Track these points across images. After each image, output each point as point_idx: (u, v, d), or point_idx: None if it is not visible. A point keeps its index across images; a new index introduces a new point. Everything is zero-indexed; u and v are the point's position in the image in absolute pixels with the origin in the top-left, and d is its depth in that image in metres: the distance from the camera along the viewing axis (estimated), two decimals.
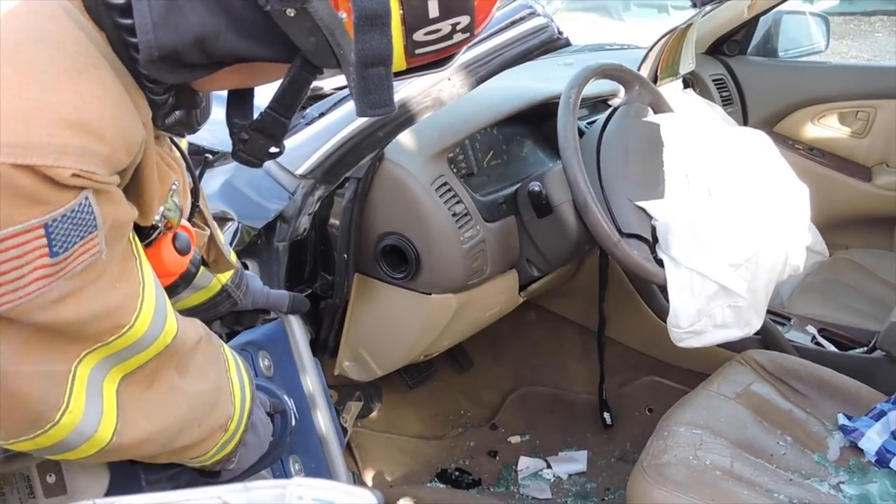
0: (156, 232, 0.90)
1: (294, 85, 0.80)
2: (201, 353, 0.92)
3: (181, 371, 0.88)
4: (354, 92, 0.72)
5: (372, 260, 1.61)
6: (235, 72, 0.81)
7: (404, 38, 0.72)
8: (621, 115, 1.78)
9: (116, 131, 0.71)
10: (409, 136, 1.60)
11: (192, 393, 0.89)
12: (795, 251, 1.67)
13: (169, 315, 0.84)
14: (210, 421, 0.92)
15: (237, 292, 1.25)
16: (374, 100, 0.72)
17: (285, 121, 0.85)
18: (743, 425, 1.59)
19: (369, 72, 0.71)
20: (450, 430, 2.23)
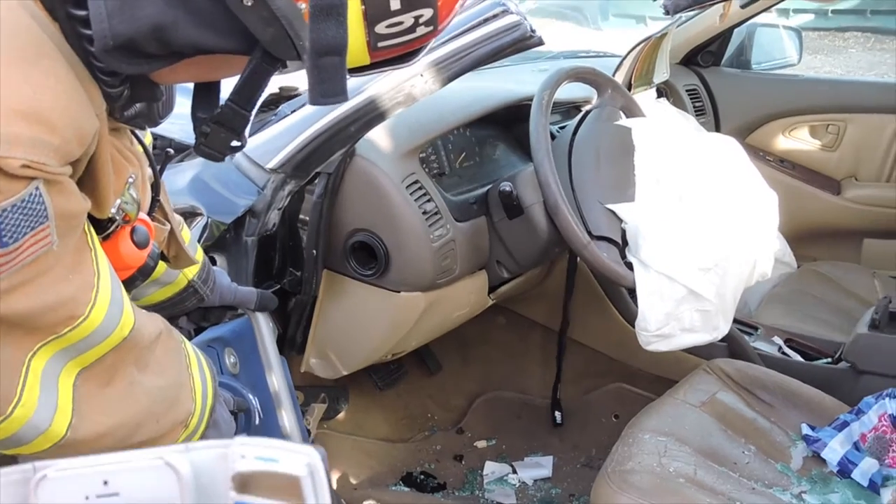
0: (113, 225, 0.88)
1: (254, 77, 0.79)
2: (161, 347, 0.91)
3: (140, 366, 0.87)
4: (308, 80, 0.72)
5: (341, 256, 1.60)
6: (196, 64, 0.80)
7: (366, 30, 0.72)
8: (593, 118, 1.78)
9: (68, 122, 0.70)
10: (380, 133, 1.59)
11: (151, 388, 0.88)
12: (764, 257, 1.68)
13: (126, 307, 0.82)
14: (170, 417, 0.91)
15: (204, 288, 1.24)
16: (327, 89, 0.72)
17: (246, 114, 0.83)
18: (707, 433, 1.58)
19: (323, 61, 0.70)
20: (416, 433, 2.22)
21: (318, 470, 0.43)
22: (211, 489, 0.45)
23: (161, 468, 0.44)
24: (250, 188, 1.49)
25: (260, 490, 0.44)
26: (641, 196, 1.66)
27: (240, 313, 1.38)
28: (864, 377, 1.85)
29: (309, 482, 0.43)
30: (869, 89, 2.86)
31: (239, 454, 0.44)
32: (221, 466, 0.45)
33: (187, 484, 0.44)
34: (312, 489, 0.43)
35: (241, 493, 0.44)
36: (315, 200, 1.53)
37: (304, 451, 0.44)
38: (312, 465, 0.43)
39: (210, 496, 0.45)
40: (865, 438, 1.61)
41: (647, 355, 2.07)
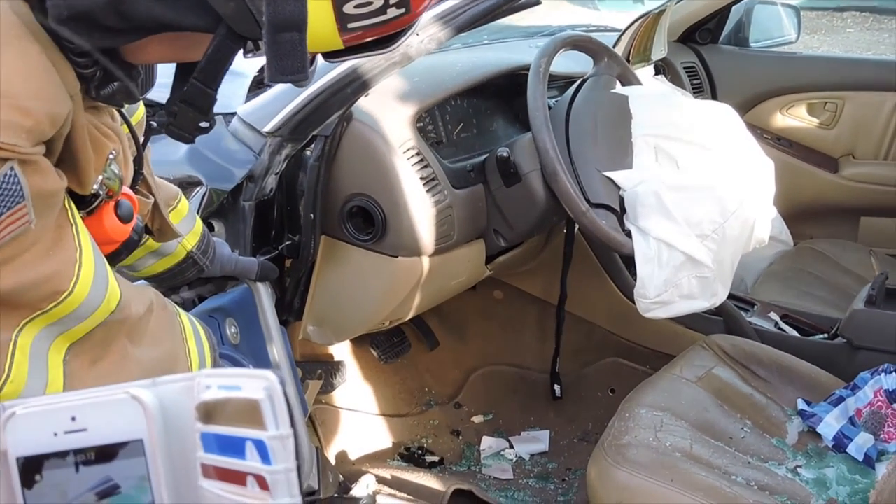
0: (97, 200, 0.87)
1: (218, 55, 0.77)
2: (154, 320, 0.90)
3: (135, 339, 0.86)
4: (266, 56, 0.70)
5: (339, 221, 1.59)
6: (165, 42, 0.79)
7: (334, 10, 0.71)
8: (590, 86, 1.77)
9: (40, 104, 0.69)
10: (378, 98, 1.58)
11: (143, 360, 0.87)
12: (761, 223, 1.67)
13: (111, 281, 0.81)
14: None
15: (203, 259, 1.23)
16: (285, 66, 0.70)
17: (211, 92, 0.82)
18: (703, 408, 1.58)
19: (281, 37, 0.69)
20: (413, 407, 2.22)
21: (276, 392, 0.43)
22: (177, 421, 0.45)
23: (128, 402, 0.45)
24: (247, 154, 1.48)
25: (223, 418, 0.44)
26: (639, 163, 1.65)
27: (241, 283, 1.37)
28: (860, 353, 1.84)
29: (268, 405, 0.43)
30: (867, 67, 2.83)
31: (204, 385, 0.45)
32: (187, 398, 0.45)
33: (154, 417, 0.44)
34: (271, 411, 0.43)
35: (206, 422, 0.44)
36: (312, 163, 1.51)
37: (263, 374, 0.44)
38: (270, 388, 0.43)
39: (177, 428, 0.45)
40: (861, 413, 1.62)
41: (644, 330, 2.11)
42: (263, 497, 0.43)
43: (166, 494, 0.45)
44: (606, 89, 1.78)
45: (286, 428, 0.43)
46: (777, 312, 2.07)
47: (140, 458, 0.45)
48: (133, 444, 0.44)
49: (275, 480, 0.43)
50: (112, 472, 0.45)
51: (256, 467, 0.43)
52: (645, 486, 1.35)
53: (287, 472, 0.43)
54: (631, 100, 1.73)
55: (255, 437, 0.43)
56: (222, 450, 0.44)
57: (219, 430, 0.44)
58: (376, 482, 1.81)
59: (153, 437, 0.44)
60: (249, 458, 0.43)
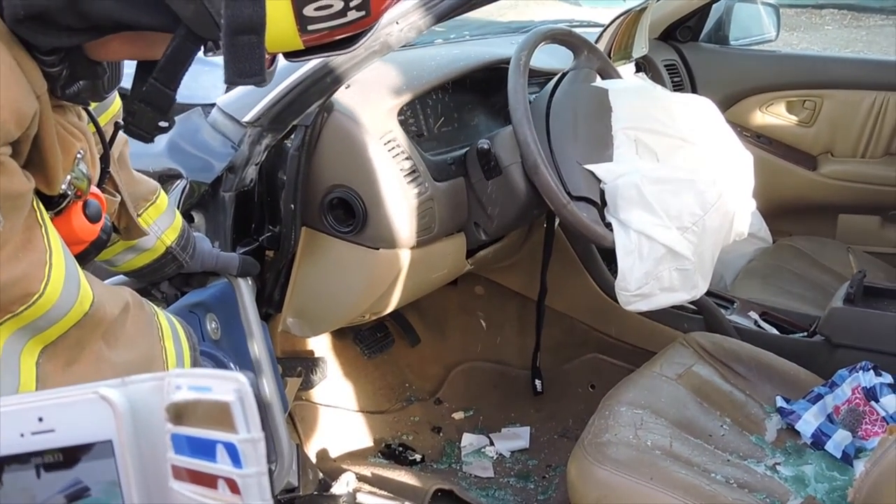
0: (66, 200, 0.86)
1: (178, 55, 0.77)
2: (131, 321, 0.88)
3: (110, 341, 0.85)
4: (224, 58, 0.70)
5: (319, 213, 1.58)
6: (126, 41, 0.78)
7: (294, 12, 0.70)
8: (570, 80, 1.76)
9: (5, 104, 0.68)
10: (359, 91, 1.57)
11: (119, 362, 0.85)
12: (740, 216, 1.67)
13: (82, 282, 0.80)
14: None
15: (183, 255, 1.22)
16: (243, 68, 0.70)
17: (170, 93, 0.81)
18: (683, 406, 1.58)
19: (240, 39, 0.68)
20: (394, 403, 2.21)
21: (247, 395, 0.42)
22: (147, 422, 0.44)
23: (96, 402, 0.44)
24: (227, 146, 1.47)
25: (194, 420, 0.43)
26: (619, 156, 1.64)
27: (222, 278, 1.35)
28: (838, 350, 1.84)
29: (238, 407, 0.42)
30: (845, 65, 2.82)
31: (174, 385, 0.44)
32: (157, 399, 0.44)
33: (123, 417, 0.44)
34: (242, 414, 0.42)
35: (177, 423, 0.44)
36: (292, 154, 1.50)
37: (234, 377, 0.43)
38: (241, 391, 0.42)
39: (147, 429, 0.44)
40: (839, 411, 1.62)
41: (625, 326, 2.11)
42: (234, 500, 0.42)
43: (136, 496, 0.44)
44: (586, 83, 1.77)
45: (257, 431, 0.42)
46: (756, 310, 2.07)
47: (109, 460, 0.43)
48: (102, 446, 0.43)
49: (246, 484, 0.42)
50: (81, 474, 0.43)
51: (227, 470, 0.42)
52: (625, 484, 1.34)
53: (258, 476, 0.42)
54: (611, 93, 1.72)
55: (226, 440, 0.42)
56: (193, 452, 0.43)
57: (189, 431, 0.43)
58: (357, 480, 1.79)
59: (123, 437, 0.43)
60: (220, 461, 0.42)
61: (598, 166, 1.62)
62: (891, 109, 2.58)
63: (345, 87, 1.55)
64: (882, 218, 2.66)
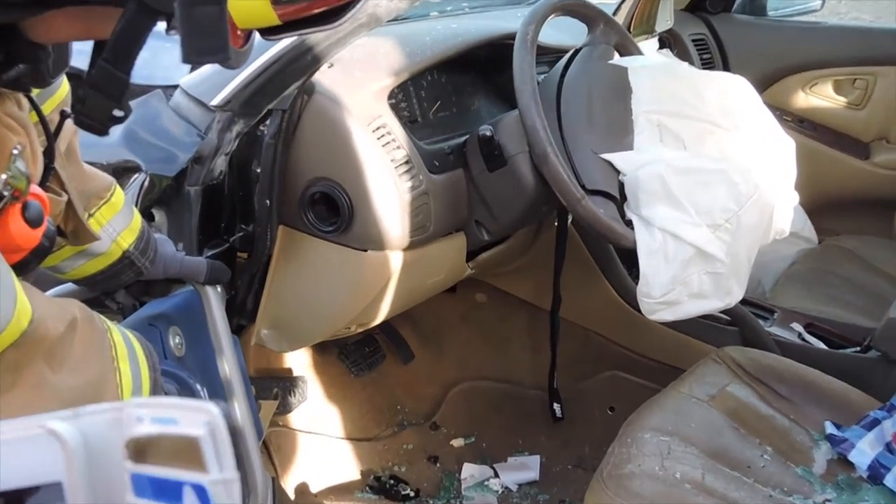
0: (1, 202, 0.84)
1: (129, 32, 0.76)
2: (79, 339, 0.87)
3: (54, 364, 0.83)
4: (180, 33, 0.69)
5: (298, 209, 1.59)
6: (71, 18, 0.78)
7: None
8: (584, 57, 1.77)
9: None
10: (344, 71, 1.58)
11: (64, 388, 0.84)
12: (781, 211, 1.67)
13: (19, 296, 0.79)
14: None
15: (142, 260, 1.22)
16: (203, 45, 0.69)
17: (123, 76, 0.80)
18: (717, 432, 1.58)
19: (198, 11, 0.67)
20: (384, 429, 2.22)
21: (218, 428, 0.42)
22: (103, 460, 0.44)
23: (43, 438, 0.43)
24: (192, 134, 1.48)
25: (158, 457, 0.43)
26: (641, 144, 1.65)
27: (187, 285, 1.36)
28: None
29: (209, 443, 0.42)
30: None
31: (135, 417, 0.44)
32: (115, 433, 0.44)
33: (75, 455, 0.43)
34: (213, 451, 0.42)
35: (138, 461, 0.43)
36: (267, 142, 1.51)
37: (204, 407, 0.43)
38: (212, 424, 0.42)
39: (102, 468, 0.44)
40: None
41: (649, 339, 2.12)
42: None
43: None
44: (603, 60, 1.78)
45: (231, 471, 0.42)
46: (800, 321, 2.07)
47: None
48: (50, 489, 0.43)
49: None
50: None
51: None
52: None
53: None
54: (631, 72, 1.73)
55: (195, 481, 0.42)
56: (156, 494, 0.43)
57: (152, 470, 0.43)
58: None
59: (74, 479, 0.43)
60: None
61: (616, 155, 1.63)
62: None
63: (327, 67, 1.57)
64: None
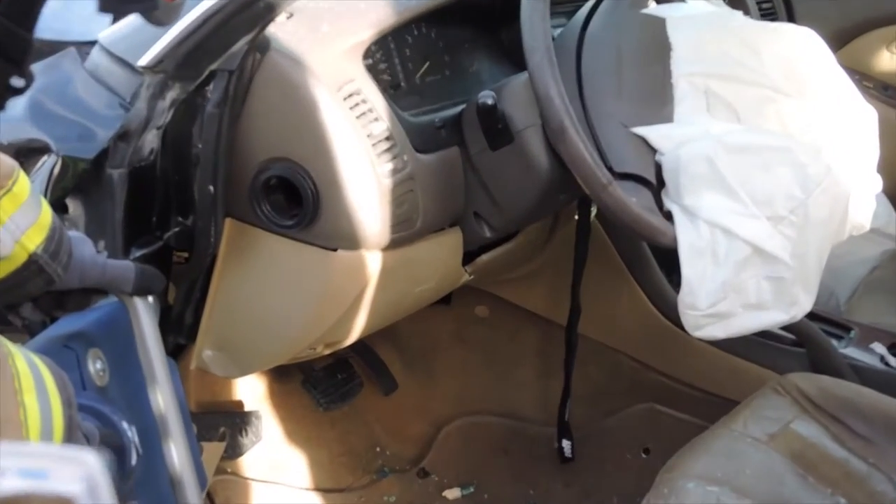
0: None
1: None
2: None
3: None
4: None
5: (250, 198, 1.59)
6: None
7: None
8: (611, 6, 1.78)
9: None
10: (307, 23, 1.57)
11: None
12: (859, 201, 1.68)
13: None
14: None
15: (53, 265, 1.19)
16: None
17: (24, 34, 0.84)
18: (778, 481, 1.58)
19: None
20: (359, 477, 2.23)
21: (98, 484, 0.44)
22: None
23: None
24: (113, 105, 1.49)
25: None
26: (683, 115, 1.66)
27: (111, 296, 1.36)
28: None
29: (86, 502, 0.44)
30: None
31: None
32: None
33: None
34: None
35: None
36: (210, 111, 1.50)
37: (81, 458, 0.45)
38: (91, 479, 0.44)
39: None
40: None
41: (692, 363, 2.13)
42: None
43: None
44: (635, 10, 1.79)
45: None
46: (884, 340, 2.08)
47: None
48: None
49: None
50: None
51: None
52: None
53: None
54: (670, 24, 1.73)
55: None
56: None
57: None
58: None
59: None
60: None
61: (652, 129, 1.63)
62: None
63: (286, 17, 1.56)
64: None
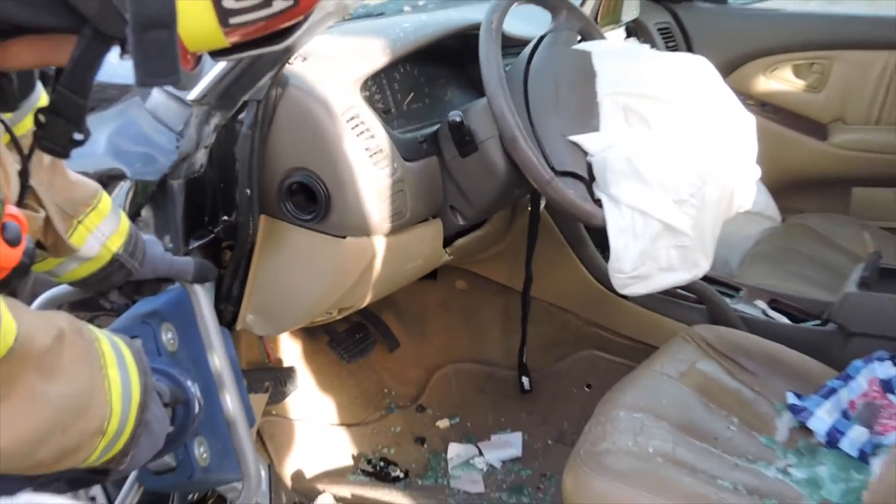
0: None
1: (85, 58, 0.76)
2: (68, 350, 0.87)
3: (45, 374, 0.84)
4: (133, 58, 0.69)
5: (278, 199, 1.57)
6: (29, 46, 0.77)
7: (213, 4, 0.70)
8: (548, 43, 1.76)
9: None
10: (317, 63, 1.57)
11: (55, 396, 0.85)
12: (743, 186, 1.67)
13: (3, 315, 0.79)
14: (79, 426, 0.88)
15: (131, 261, 1.21)
16: (155, 68, 0.69)
17: (81, 101, 0.81)
18: (687, 407, 1.59)
19: (148, 35, 0.68)
20: (372, 413, 2.20)
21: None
22: None
23: None
24: (171, 140, 1.47)
25: None
26: (607, 125, 1.64)
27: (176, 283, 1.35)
28: (852, 339, 1.84)
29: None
30: (857, 23, 2.82)
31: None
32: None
33: None
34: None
35: None
36: (245, 132, 1.49)
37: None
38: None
39: None
40: (854, 405, 1.62)
41: (622, 318, 2.12)
42: None
43: None
44: (567, 46, 1.77)
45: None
46: (764, 298, 2.07)
47: None
48: None
49: None
50: None
51: None
52: (625, 495, 1.35)
53: None
54: (594, 56, 1.72)
55: None
56: None
57: None
58: (335, 501, 1.79)
59: None
60: None
61: (583, 137, 1.62)
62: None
63: (301, 60, 1.56)
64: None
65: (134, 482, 1.36)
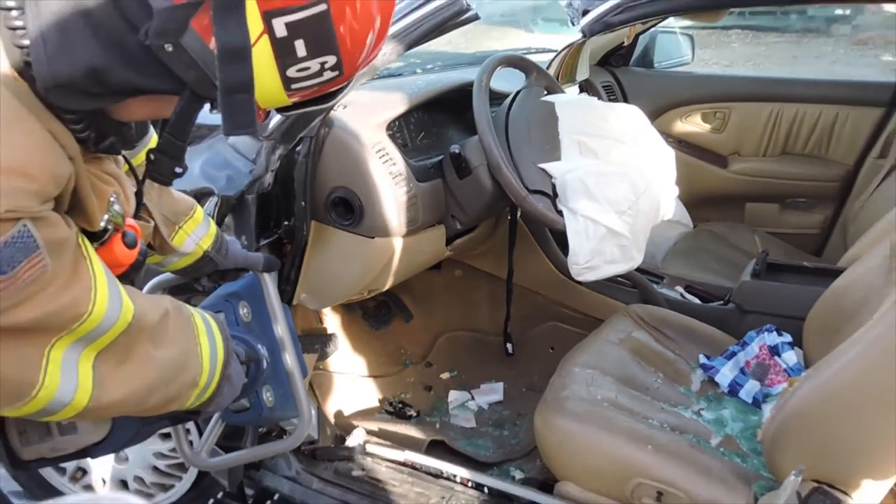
0: (107, 234, 0.87)
1: (184, 113, 0.77)
2: (172, 324, 0.89)
3: (157, 342, 0.85)
4: (221, 114, 0.70)
5: (325, 209, 1.57)
6: (143, 103, 0.78)
7: (279, 74, 0.70)
8: (523, 96, 1.76)
9: (43, 169, 0.69)
10: (355, 111, 1.57)
11: (161, 359, 0.86)
12: (666, 200, 1.68)
13: (124, 299, 0.80)
14: (179, 380, 0.89)
15: (218, 256, 1.23)
16: (238, 122, 0.69)
17: (181, 144, 0.82)
18: (625, 365, 1.59)
19: (234, 97, 0.68)
20: (393, 368, 2.18)
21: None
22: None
23: None
24: (247, 166, 1.47)
25: None
26: (566, 156, 1.65)
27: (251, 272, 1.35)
28: (748, 316, 1.83)
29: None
30: (748, 82, 2.83)
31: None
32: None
33: None
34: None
35: None
36: (301, 160, 1.49)
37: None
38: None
39: None
40: (749, 365, 1.63)
41: (578, 299, 2.10)
42: None
43: None
44: (537, 98, 1.77)
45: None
46: (681, 284, 2.06)
47: None
48: None
49: None
50: None
51: None
52: (581, 430, 1.36)
53: None
54: (557, 105, 1.73)
55: None
56: None
57: None
58: (366, 433, 1.78)
59: None
60: None
61: (549, 165, 1.62)
62: (784, 117, 2.59)
63: (343, 108, 1.55)
64: (780, 205, 2.66)
65: (218, 419, 1.35)
